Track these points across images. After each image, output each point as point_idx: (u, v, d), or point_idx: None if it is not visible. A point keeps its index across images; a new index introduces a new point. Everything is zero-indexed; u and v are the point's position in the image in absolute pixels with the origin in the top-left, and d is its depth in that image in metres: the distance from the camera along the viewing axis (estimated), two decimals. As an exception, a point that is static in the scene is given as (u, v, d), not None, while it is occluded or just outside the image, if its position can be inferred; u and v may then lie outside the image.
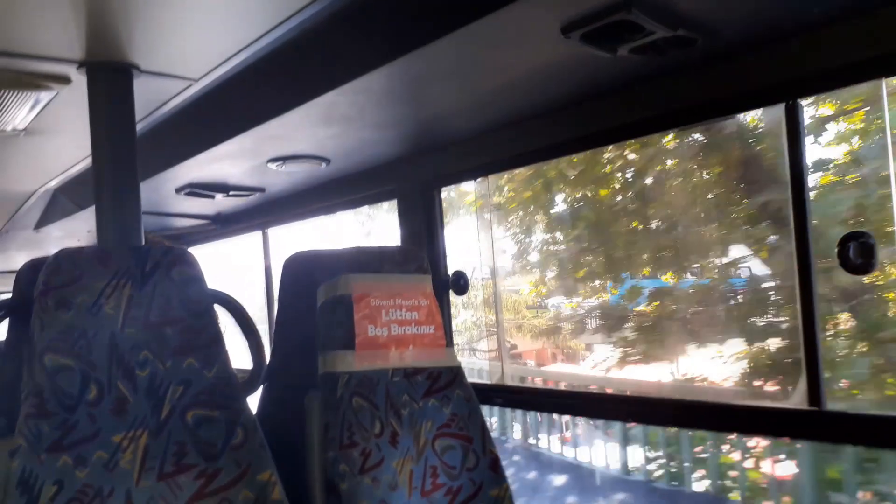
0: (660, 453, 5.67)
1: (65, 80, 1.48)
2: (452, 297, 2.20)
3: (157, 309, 1.28)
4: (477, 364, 6.31)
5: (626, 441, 6.03)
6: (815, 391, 1.36)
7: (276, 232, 3.12)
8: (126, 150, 1.40)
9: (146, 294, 1.27)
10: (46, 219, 3.11)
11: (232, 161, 2.09)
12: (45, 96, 1.58)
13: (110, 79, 1.41)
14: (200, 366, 1.29)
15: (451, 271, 2.20)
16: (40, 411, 1.15)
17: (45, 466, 1.13)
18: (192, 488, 1.23)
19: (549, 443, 6.85)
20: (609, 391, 6.30)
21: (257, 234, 3.15)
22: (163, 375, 1.26)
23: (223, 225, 3.09)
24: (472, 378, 1.73)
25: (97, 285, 1.23)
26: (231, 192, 2.50)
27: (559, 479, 6.59)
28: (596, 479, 6.23)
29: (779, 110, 1.40)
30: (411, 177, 2.19)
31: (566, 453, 6.76)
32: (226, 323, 1.52)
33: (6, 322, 1.31)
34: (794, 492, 4.45)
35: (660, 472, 5.62)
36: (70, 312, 1.20)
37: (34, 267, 1.29)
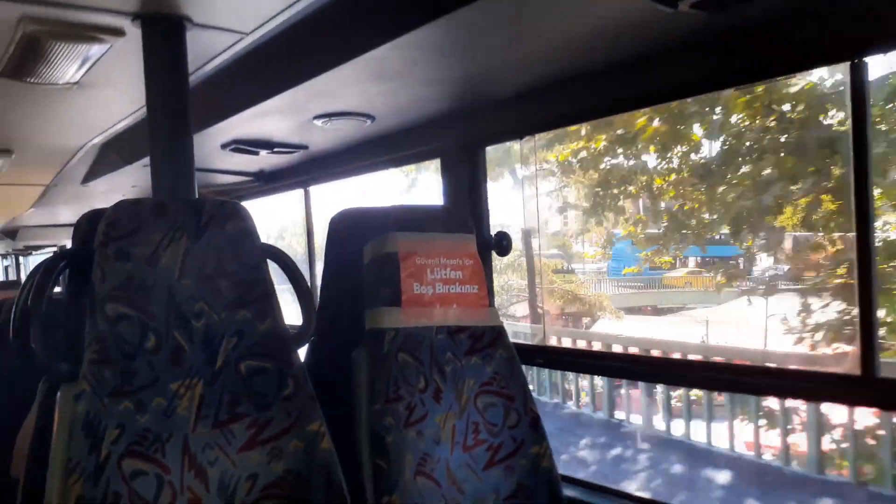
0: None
1: (119, 32, 1.48)
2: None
3: (211, 261, 1.30)
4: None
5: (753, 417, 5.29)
6: (868, 357, 1.34)
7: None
8: (180, 103, 1.41)
9: (201, 246, 1.29)
10: (93, 173, 3.17)
11: (278, 117, 2.09)
12: (98, 49, 1.59)
13: (164, 31, 1.41)
14: (253, 318, 1.32)
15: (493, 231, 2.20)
16: (102, 358, 1.18)
17: (108, 410, 1.17)
18: (244, 436, 1.27)
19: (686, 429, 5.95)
20: (655, 353, 5.97)
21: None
22: (217, 326, 1.29)
23: (265, 182, 3.11)
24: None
25: (155, 237, 1.26)
26: (275, 149, 2.50)
27: (722, 476, 5.45)
28: (779, 480, 5.11)
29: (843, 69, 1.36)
30: (455, 135, 2.17)
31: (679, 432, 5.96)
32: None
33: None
34: None
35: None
36: (129, 263, 1.23)
37: (92, 218, 1.32)
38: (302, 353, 1.48)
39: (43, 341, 1.22)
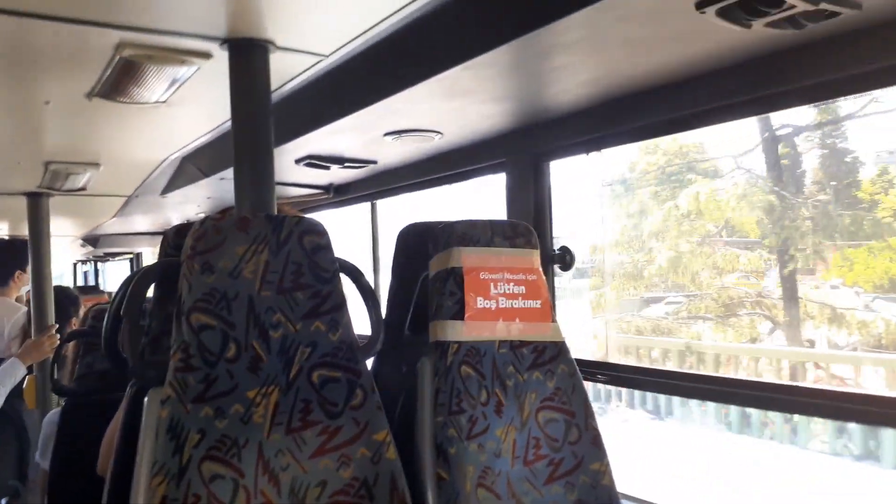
0: None
1: (206, 55, 1.57)
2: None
3: (289, 275, 1.35)
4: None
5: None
6: None
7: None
8: (263, 121, 1.47)
9: (280, 260, 1.34)
10: (172, 185, 3.31)
11: (350, 134, 2.15)
12: (186, 71, 1.68)
13: (249, 55, 1.49)
14: (326, 329, 1.36)
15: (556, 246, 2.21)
16: (187, 365, 1.24)
17: (191, 416, 1.22)
18: (315, 443, 1.30)
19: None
20: (722, 374, 5.81)
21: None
22: (293, 337, 1.34)
23: (335, 194, 3.19)
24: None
25: (238, 250, 1.31)
26: (346, 164, 2.58)
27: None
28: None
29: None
30: (521, 150, 2.19)
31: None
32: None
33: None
34: None
35: None
36: (213, 275, 1.29)
37: (179, 231, 1.40)
38: (369, 363, 1.52)
39: (133, 347, 1.30)
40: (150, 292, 1.42)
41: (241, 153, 1.48)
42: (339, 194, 3.18)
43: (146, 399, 1.25)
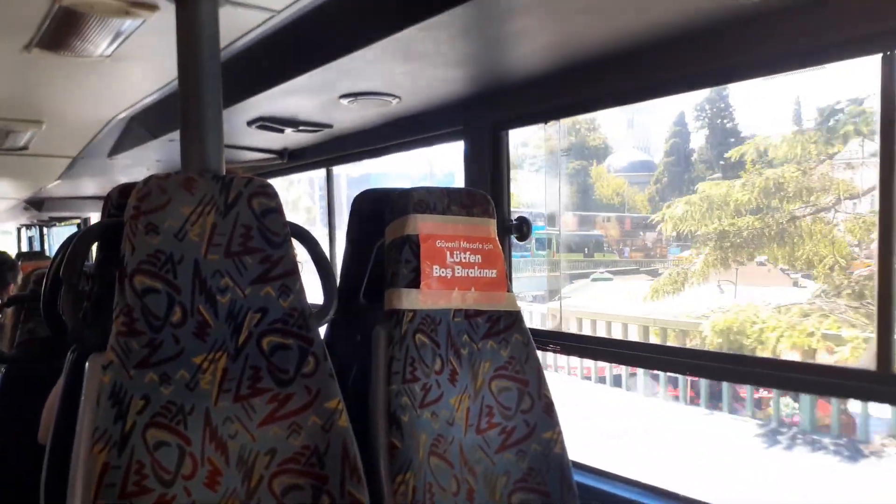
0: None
1: (152, 7, 1.50)
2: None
3: (237, 238, 1.31)
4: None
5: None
6: (884, 353, 1.34)
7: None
8: (212, 79, 1.41)
9: (228, 223, 1.30)
10: (119, 147, 3.20)
11: (304, 95, 2.10)
12: (131, 24, 1.61)
13: (197, 8, 1.42)
14: (277, 295, 1.33)
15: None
16: (130, 329, 1.20)
17: (134, 381, 1.19)
18: (264, 411, 1.28)
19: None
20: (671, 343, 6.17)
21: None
22: (242, 302, 1.31)
23: (290, 160, 3.13)
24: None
25: (183, 211, 1.27)
26: (300, 128, 2.52)
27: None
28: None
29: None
30: (479, 117, 2.17)
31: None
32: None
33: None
34: None
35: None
36: (158, 237, 1.25)
37: (123, 191, 1.34)
38: (322, 331, 1.50)
39: (73, 312, 1.25)
40: (95, 255, 1.37)
41: (187, 112, 1.42)
42: (294, 159, 3.11)
43: (87, 364, 1.21)
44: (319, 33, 1.67)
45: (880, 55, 1.32)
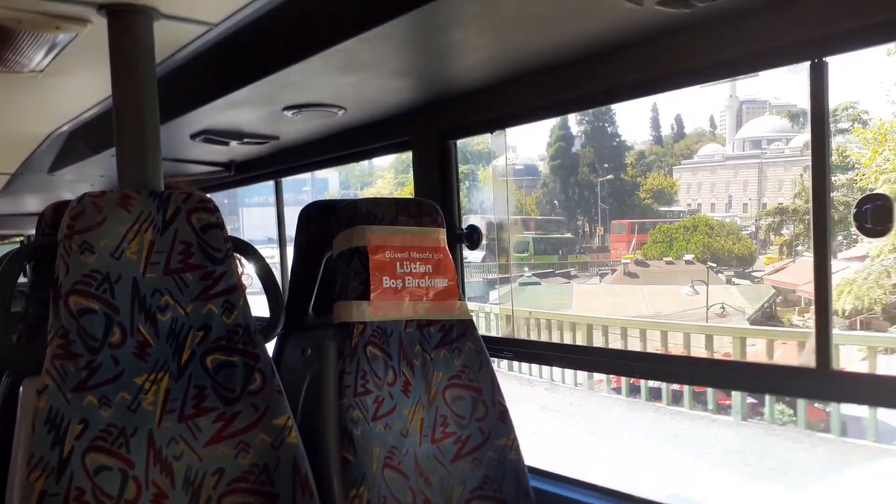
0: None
1: (83, 21, 1.46)
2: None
3: (177, 255, 1.29)
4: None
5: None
6: (823, 350, 1.38)
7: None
8: (147, 93, 1.39)
9: (167, 240, 1.28)
10: (60, 162, 3.11)
11: (248, 108, 2.07)
12: (63, 38, 1.56)
13: (130, 22, 1.40)
14: (220, 311, 1.31)
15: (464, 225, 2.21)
16: (66, 352, 1.17)
17: (71, 405, 1.16)
18: (210, 430, 1.26)
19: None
20: (622, 348, 6.50)
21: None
22: (183, 320, 1.28)
23: (237, 172, 3.09)
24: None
25: (120, 229, 1.24)
26: (245, 140, 2.48)
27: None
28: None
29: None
30: (426, 128, 2.17)
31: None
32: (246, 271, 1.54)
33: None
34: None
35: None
36: (93, 256, 1.22)
37: (57, 209, 1.31)
38: (270, 346, 1.48)
39: (4, 335, 1.21)
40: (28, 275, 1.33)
41: (123, 128, 1.39)
42: (241, 172, 3.07)
43: (21, 389, 1.17)
44: (258, 46, 1.65)
45: (808, 63, 1.36)
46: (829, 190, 1.37)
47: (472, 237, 2.18)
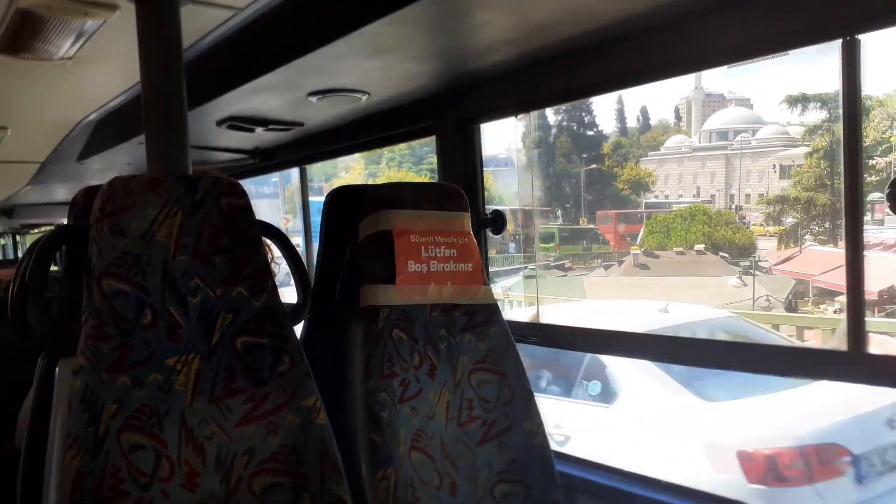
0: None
1: (112, 7, 1.47)
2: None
3: (206, 238, 1.30)
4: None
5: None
6: (855, 333, 1.35)
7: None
8: (175, 79, 1.40)
9: (195, 223, 1.29)
10: (89, 150, 3.15)
11: (272, 94, 2.08)
12: (92, 24, 1.58)
13: (157, 7, 1.41)
14: (249, 294, 1.32)
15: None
16: (99, 333, 1.19)
17: (106, 385, 1.18)
18: (240, 411, 1.28)
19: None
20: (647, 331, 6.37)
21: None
22: (213, 303, 1.30)
23: (262, 159, 3.10)
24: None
25: (150, 213, 1.26)
26: (270, 126, 2.49)
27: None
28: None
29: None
30: (450, 112, 2.16)
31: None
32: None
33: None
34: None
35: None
36: (125, 239, 1.24)
37: (88, 194, 1.32)
38: (298, 329, 1.49)
39: (41, 317, 1.23)
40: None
41: (151, 114, 1.40)
42: (266, 159, 3.09)
43: (57, 370, 1.20)
44: (284, 30, 1.66)
45: (840, 40, 1.33)
46: (861, 173, 1.34)
47: (497, 222, 2.17)
